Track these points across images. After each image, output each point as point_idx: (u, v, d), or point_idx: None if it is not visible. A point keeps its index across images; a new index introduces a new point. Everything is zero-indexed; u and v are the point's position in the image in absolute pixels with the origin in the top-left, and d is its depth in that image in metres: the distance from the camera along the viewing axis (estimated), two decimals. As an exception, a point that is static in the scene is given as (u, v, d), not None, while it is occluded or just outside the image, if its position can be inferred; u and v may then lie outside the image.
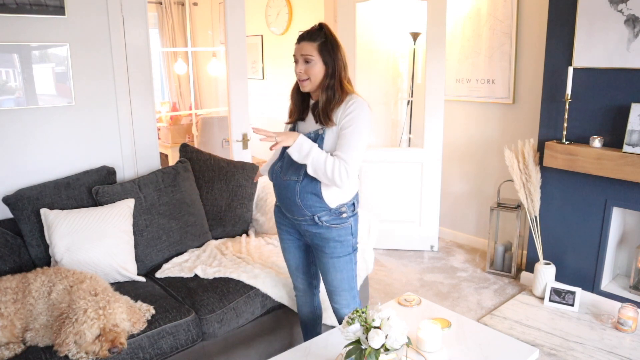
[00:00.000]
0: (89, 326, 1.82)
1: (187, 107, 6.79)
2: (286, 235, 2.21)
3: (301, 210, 2.01)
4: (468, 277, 3.65)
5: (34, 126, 2.60)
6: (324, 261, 2.09)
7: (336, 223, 2.02)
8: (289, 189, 2.00)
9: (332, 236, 2.03)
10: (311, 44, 1.92)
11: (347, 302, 2.15)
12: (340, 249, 2.05)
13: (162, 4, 6.67)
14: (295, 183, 1.98)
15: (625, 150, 2.80)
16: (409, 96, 4.46)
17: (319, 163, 1.86)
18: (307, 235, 2.10)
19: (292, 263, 2.27)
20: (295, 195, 1.99)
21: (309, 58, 1.92)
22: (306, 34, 1.95)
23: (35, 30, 2.52)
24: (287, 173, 2.01)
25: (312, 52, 1.92)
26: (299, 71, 1.95)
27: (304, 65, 1.94)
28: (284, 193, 2.04)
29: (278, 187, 2.08)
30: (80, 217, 2.42)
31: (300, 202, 1.99)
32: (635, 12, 2.76)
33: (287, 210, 2.08)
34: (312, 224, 2.03)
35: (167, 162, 5.44)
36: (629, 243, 3.26)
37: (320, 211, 1.99)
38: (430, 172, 3.98)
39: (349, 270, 2.11)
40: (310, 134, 1.98)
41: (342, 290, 2.12)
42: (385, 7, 4.32)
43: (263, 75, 5.94)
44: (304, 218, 2.03)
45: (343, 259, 2.07)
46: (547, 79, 3.20)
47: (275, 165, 2.09)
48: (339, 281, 2.10)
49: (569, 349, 2.66)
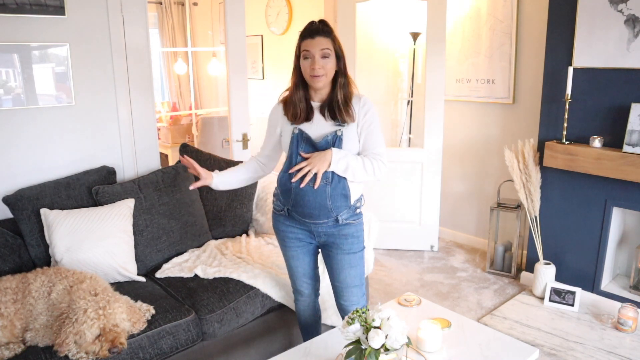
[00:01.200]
0: (89, 326, 1.82)
1: (187, 107, 6.79)
2: (295, 242, 2.13)
3: (329, 212, 1.98)
4: (468, 277, 3.65)
5: (34, 126, 2.60)
6: (338, 258, 2.07)
7: (354, 219, 2.05)
8: (318, 193, 1.94)
9: (351, 232, 2.05)
10: (327, 39, 1.90)
11: (357, 299, 2.14)
12: (356, 244, 2.08)
13: (162, 4, 6.67)
14: (325, 186, 1.94)
15: (625, 150, 2.80)
16: (409, 96, 4.46)
17: (358, 170, 1.94)
18: (324, 236, 2.06)
19: (300, 270, 2.21)
20: (326, 198, 1.95)
21: (327, 52, 1.89)
22: (320, 29, 1.90)
23: (35, 30, 2.52)
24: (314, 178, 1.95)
25: (329, 46, 1.90)
26: (318, 67, 1.88)
27: (322, 61, 1.89)
28: (310, 198, 1.95)
29: (298, 195, 1.96)
30: (80, 217, 2.42)
31: (331, 204, 1.96)
32: (635, 12, 2.76)
33: (309, 216, 2.00)
34: (333, 225, 2.02)
35: (167, 162, 5.44)
36: (629, 243, 3.26)
37: (343, 209, 2.00)
38: (430, 172, 3.98)
39: (361, 266, 2.13)
40: (328, 137, 1.94)
41: (354, 286, 2.12)
42: (385, 7, 4.32)
43: (263, 75, 5.94)
44: (328, 220, 2.00)
45: (358, 255, 2.09)
46: (547, 79, 3.20)
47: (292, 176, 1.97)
48: (352, 277, 2.10)
49: (569, 349, 2.65)
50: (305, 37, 1.91)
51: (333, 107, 1.95)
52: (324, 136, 1.95)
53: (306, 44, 1.90)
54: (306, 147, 1.97)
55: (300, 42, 1.93)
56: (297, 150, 1.98)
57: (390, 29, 4.40)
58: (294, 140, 1.98)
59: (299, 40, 1.94)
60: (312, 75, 1.91)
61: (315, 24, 1.92)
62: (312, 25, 1.92)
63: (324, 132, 1.96)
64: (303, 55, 1.91)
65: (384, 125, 4.61)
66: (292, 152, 1.99)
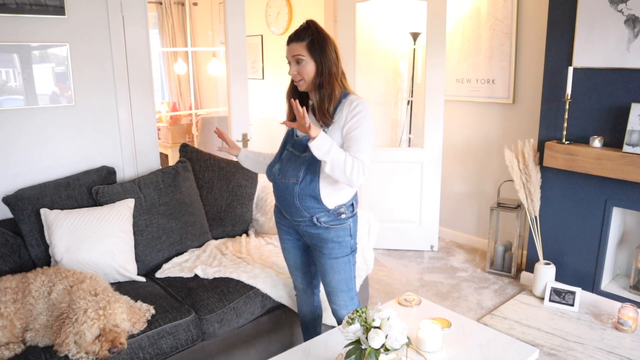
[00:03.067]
0: (89, 326, 1.82)
1: (187, 107, 6.79)
2: (286, 236, 2.21)
3: (300, 211, 2.00)
4: (468, 277, 3.65)
5: (34, 126, 2.60)
6: (322, 262, 2.09)
7: (335, 224, 2.01)
8: (287, 190, 2.00)
9: (331, 237, 2.02)
10: (300, 44, 1.92)
11: (345, 303, 2.14)
12: (338, 250, 2.05)
13: (162, 4, 6.67)
14: (294, 185, 1.97)
15: (625, 150, 2.80)
16: (409, 96, 4.46)
17: (339, 160, 1.81)
18: (306, 236, 2.09)
19: (292, 263, 2.27)
20: (293, 197, 1.98)
21: (299, 58, 1.92)
22: (294, 35, 1.94)
23: (35, 30, 2.52)
24: (286, 175, 2.00)
25: (302, 52, 1.91)
26: (293, 73, 1.95)
27: (297, 66, 1.93)
28: (283, 195, 2.03)
29: (277, 189, 2.07)
30: (80, 217, 2.42)
31: (299, 203, 1.98)
32: (635, 12, 2.76)
33: (286, 212, 2.08)
34: (310, 225, 2.03)
35: (167, 162, 5.44)
36: (629, 243, 3.26)
37: (318, 212, 1.99)
38: (430, 172, 3.98)
39: (347, 272, 2.10)
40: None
41: (340, 291, 2.12)
42: (385, 7, 4.32)
43: (263, 75, 5.94)
44: (303, 219, 2.02)
45: (341, 260, 2.06)
46: (547, 79, 3.20)
47: (273, 167, 2.08)
48: (337, 282, 2.10)
49: (569, 349, 2.65)
50: (287, 44, 1.97)
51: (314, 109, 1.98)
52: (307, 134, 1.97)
53: (286, 50, 1.97)
54: (294, 143, 2.05)
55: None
56: (285, 144, 2.09)
57: (390, 29, 4.40)
58: (287, 135, 2.11)
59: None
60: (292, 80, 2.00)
61: (296, 30, 1.95)
62: (294, 31, 1.96)
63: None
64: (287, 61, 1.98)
65: (384, 125, 4.61)
66: (282, 146, 2.11)
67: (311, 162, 1.94)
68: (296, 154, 2.01)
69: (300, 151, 2.00)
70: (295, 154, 2.01)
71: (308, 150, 1.91)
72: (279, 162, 2.06)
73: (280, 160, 2.06)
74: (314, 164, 1.94)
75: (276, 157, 2.11)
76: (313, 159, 1.92)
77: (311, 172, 1.95)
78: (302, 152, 1.98)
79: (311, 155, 1.87)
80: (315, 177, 1.95)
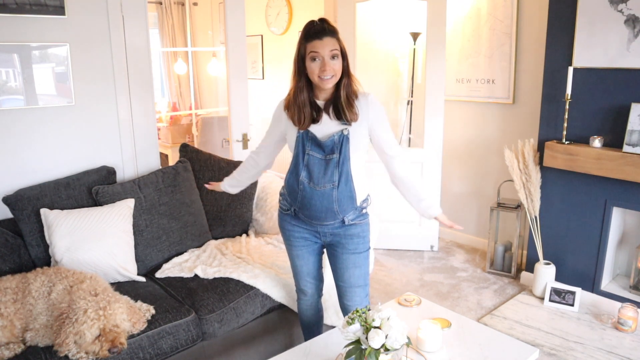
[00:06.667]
0: (89, 326, 1.82)
1: (187, 107, 6.79)
2: (301, 242, 2.12)
3: (335, 215, 1.97)
4: (468, 277, 3.65)
5: (34, 126, 2.60)
6: (343, 257, 2.07)
7: (360, 219, 2.05)
8: (324, 196, 1.93)
9: (357, 232, 2.05)
10: (333, 39, 1.84)
11: (361, 300, 2.14)
12: (362, 244, 2.07)
13: (162, 4, 6.67)
14: (332, 190, 1.93)
15: (625, 150, 2.80)
16: (409, 96, 4.46)
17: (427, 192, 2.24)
18: (329, 235, 2.06)
19: (305, 269, 2.20)
20: (332, 202, 1.94)
21: (336, 53, 1.84)
22: (327, 29, 1.83)
23: (35, 30, 2.52)
24: (321, 182, 1.93)
25: (337, 46, 1.84)
26: (328, 69, 1.82)
27: (332, 62, 1.82)
28: (316, 201, 1.95)
29: (305, 197, 1.96)
30: (80, 217, 2.42)
31: (337, 207, 1.95)
32: (635, 12, 2.76)
33: (315, 218, 2.00)
34: (339, 226, 2.03)
35: (167, 162, 5.44)
36: (629, 243, 3.26)
37: (350, 210, 2.00)
38: (430, 172, 3.98)
39: (366, 266, 2.12)
40: (334, 136, 1.90)
41: (358, 286, 2.12)
42: (385, 7, 4.32)
43: (263, 75, 5.94)
44: (334, 222, 2.00)
45: (363, 255, 2.09)
46: (547, 79, 3.20)
47: (299, 176, 1.96)
48: (356, 277, 2.10)
49: (569, 349, 2.65)
50: (312, 38, 1.83)
51: (337, 106, 1.91)
52: (330, 135, 1.91)
53: (314, 45, 1.82)
54: (312, 146, 1.93)
55: (307, 44, 1.84)
56: (303, 149, 1.94)
57: (390, 29, 4.40)
58: (299, 139, 1.95)
59: (304, 41, 1.85)
60: (321, 77, 1.84)
61: (318, 24, 1.85)
62: (315, 26, 1.85)
63: (330, 132, 1.92)
64: (310, 56, 1.83)
65: (384, 125, 4.61)
66: (298, 152, 1.95)
67: (342, 162, 1.90)
68: (321, 157, 1.93)
69: (325, 153, 1.92)
70: (321, 158, 1.93)
71: (335, 151, 1.90)
72: (305, 170, 1.95)
73: (304, 167, 1.95)
74: (344, 164, 1.91)
75: (296, 164, 1.96)
76: (343, 159, 1.90)
77: (345, 173, 1.92)
78: (328, 153, 1.91)
79: (339, 155, 1.90)
80: (349, 177, 1.93)
